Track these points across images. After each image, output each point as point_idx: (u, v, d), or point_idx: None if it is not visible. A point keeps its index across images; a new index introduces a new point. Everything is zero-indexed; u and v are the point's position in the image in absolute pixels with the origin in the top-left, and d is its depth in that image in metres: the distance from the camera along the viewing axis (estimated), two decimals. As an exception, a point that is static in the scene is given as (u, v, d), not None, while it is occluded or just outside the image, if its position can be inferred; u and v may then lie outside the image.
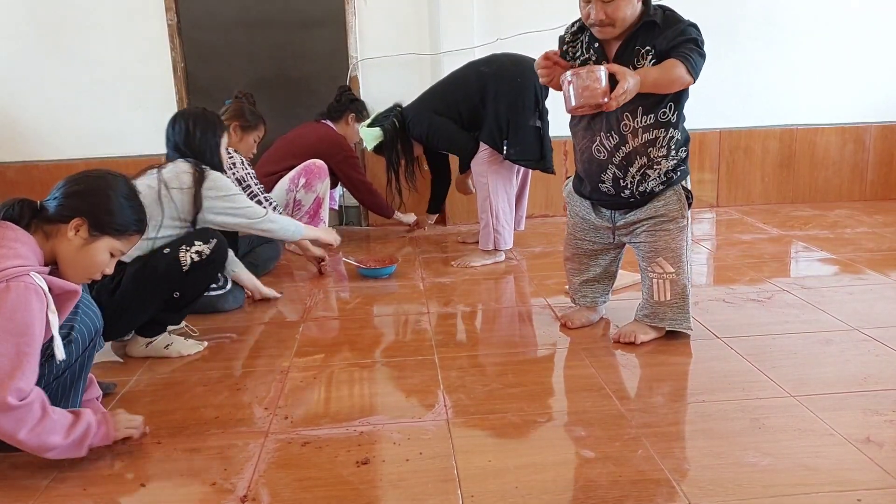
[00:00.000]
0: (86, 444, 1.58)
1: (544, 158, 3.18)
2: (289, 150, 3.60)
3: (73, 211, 1.60)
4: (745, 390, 1.90)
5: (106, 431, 1.62)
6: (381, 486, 1.52)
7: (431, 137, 3.34)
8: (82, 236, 1.60)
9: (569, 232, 2.41)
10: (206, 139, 2.44)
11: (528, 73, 3.15)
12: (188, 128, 2.42)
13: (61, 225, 1.59)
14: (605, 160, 2.16)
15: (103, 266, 1.66)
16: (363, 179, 3.70)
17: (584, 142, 2.20)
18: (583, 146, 2.22)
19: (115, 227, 1.64)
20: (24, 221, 1.57)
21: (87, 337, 1.68)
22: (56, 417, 1.53)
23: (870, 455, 1.56)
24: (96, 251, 1.63)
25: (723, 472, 1.52)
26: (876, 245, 3.36)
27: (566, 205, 2.45)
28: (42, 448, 1.52)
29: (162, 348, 2.27)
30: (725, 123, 4.27)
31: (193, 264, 2.21)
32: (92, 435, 1.59)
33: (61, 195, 1.62)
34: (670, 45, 2.00)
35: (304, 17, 4.03)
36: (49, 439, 1.51)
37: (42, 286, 1.49)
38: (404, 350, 2.30)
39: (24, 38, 3.88)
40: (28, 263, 1.49)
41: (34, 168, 4.00)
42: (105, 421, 1.63)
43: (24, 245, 1.52)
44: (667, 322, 2.25)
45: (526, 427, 1.76)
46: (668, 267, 2.19)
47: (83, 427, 1.57)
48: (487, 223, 3.22)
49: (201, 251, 2.22)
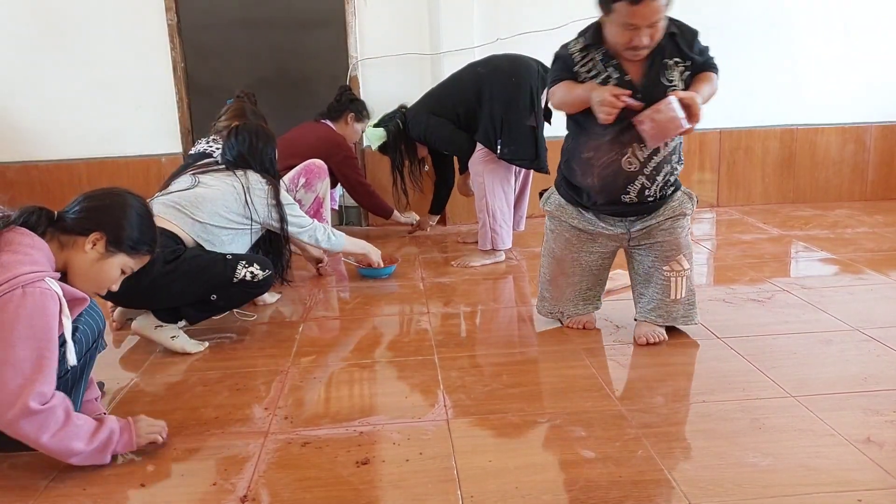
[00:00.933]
0: (109, 450, 1.59)
1: (538, 158, 3.18)
2: (288, 150, 3.60)
3: (94, 225, 1.62)
4: (746, 390, 1.90)
5: (129, 438, 1.63)
6: (381, 486, 1.52)
7: (429, 137, 3.37)
8: (99, 250, 1.63)
9: (559, 247, 2.34)
10: (266, 151, 2.61)
11: (523, 73, 3.15)
12: (252, 140, 2.59)
13: (79, 237, 1.61)
14: (635, 171, 2.13)
15: (113, 281, 1.69)
16: (361, 180, 3.71)
17: (612, 155, 2.13)
18: (608, 160, 2.13)
19: (132, 245, 1.68)
20: (40, 229, 1.59)
21: (90, 338, 1.69)
22: (80, 423, 1.54)
23: (870, 455, 1.56)
24: (110, 267, 1.66)
25: (723, 472, 1.52)
26: (876, 245, 3.36)
27: (550, 220, 2.37)
28: (65, 453, 1.52)
29: (168, 337, 2.29)
30: (725, 123, 4.27)
31: (243, 281, 2.30)
32: (115, 442, 1.60)
33: (81, 208, 1.64)
34: (703, 58, 2.12)
35: (304, 17, 4.03)
36: (72, 444, 1.51)
37: (57, 291, 1.50)
38: (404, 350, 2.30)
39: (25, 38, 3.87)
40: (43, 269, 1.51)
41: (34, 168, 4.00)
42: (128, 427, 1.64)
43: (40, 252, 1.54)
44: (679, 320, 2.27)
45: (526, 427, 1.75)
46: (685, 263, 2.22)
47: (106, 433, 1.58)
48: (485, 223, 3.23)
49: (255, 274, 2.32)
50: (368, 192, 3.71)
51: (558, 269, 2.36)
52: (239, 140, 2.58)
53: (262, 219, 2.53)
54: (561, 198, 2.32)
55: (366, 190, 3.70)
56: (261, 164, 2.58)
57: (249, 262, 2.34)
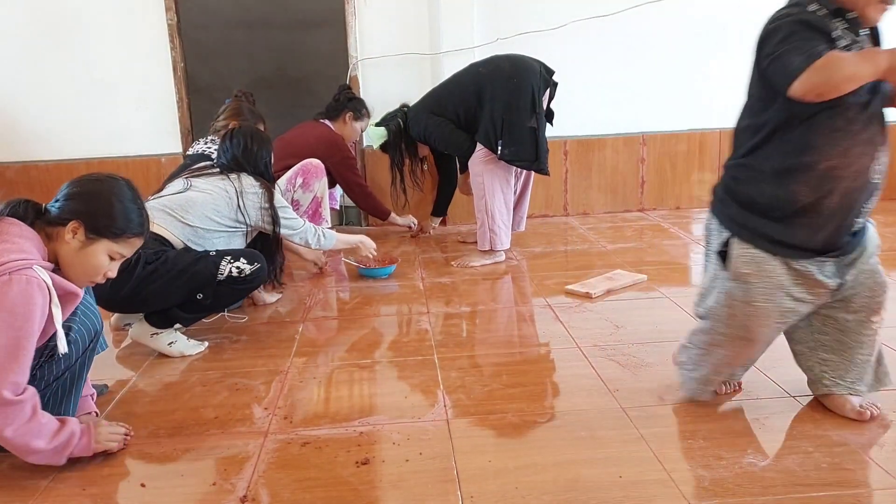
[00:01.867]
0: (66, 452, 1.58)
1: (539, 160, 3.18)
2: (286, 150, 3.60)
3: (71, 213, 1.59)
4: (745, 390, 1.90)
5: (87, 442, 1.62)
6: (380, 486, 1.52)
7: (429, 137, 3.37)
8: (79, 239, 1.60)
9: (755, 322, 1.67)
10: (261, 154, 2.59)
11: (524, 74, 3.15)
12: (247, 143, 2.57)
13: (60, 227, 1.59)
14: (876, 183, 1.60)
15: (103, 269, 1.65)
16: (359, 181, 3.70)
17: (863, 160, 1.56)
18: (858, 167, 1.56)
19: (113, 229, 1.63)
20: (27, 221, 1.57)
21: (86, 338, 1.69)
22: (44, 422, 1.53)
23: (870, 455, 1.56)
24: (94, 254, 1.62)
25: (723, 472, 1.52)
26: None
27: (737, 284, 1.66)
28: (25, 450, 1.52)
29: (165, 344, 2.29)
30: (725, 123, 4.25)
31: (229, 277, 2.25)
32: (74, 444, 1.58)
33: (62, 197, 1.62)
34: None
35: (304, 17, 4.03)
36: (33, 442, 1.51)
37: (46, 280, 1.49)
38: (404, 350, 2.30)
39: (25, 38, 3.87)
40: (31, 257, 1.49)
41: (34, 168, 4.00)
42: (87, 431, 1.62)
43: (28, 241, 1.52)
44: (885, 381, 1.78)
45: (526, 427, 1.75)
46: (883, 311, 1.71)
47: (66, 435, 1.56)
48: (483, 223, 3.23)
49: (242, 269, 2.27)
50: (365, 193, 3.70)
51: (743, 348, 1.74)
52: (234, 143, 2.57)
53: (254, 222, 2.51)
54: (758, 250, 1.62)
55: (363, 191, 3.70)
56: (255, 168, 2.56)
57: (235, 257, 2.29)
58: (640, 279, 2.89)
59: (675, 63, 4.15)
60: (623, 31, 4.06)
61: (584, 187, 4.25)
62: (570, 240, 3.71)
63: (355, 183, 3.68)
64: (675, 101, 4.21)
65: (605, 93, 4.16)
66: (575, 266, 3.20)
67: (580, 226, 3.99)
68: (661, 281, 2.89)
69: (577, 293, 2.75)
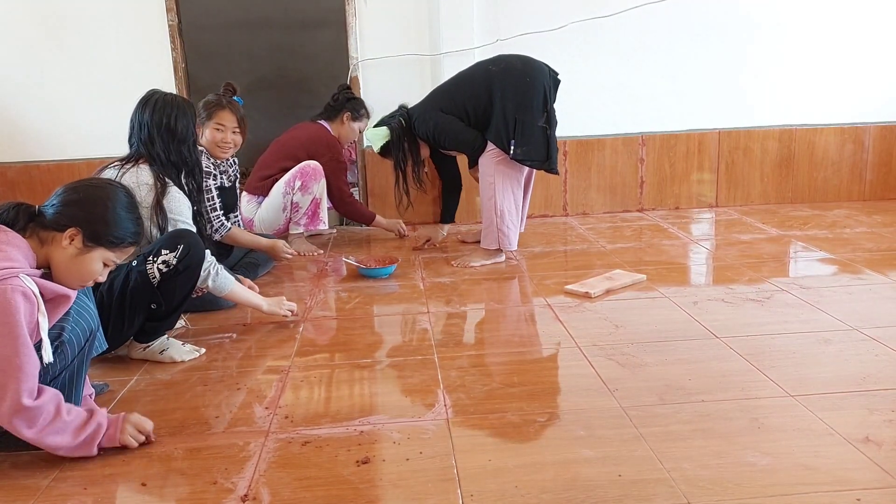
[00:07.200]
0: (94, 444, 1.62)
1: (550, 159, 3.16)
2: (281, 151, 3.60)
3: (70, 220, 1.59)
4: (745, 390, 1.90)
5: (112, 433, 1.65)
6: (381, 485, 1.53)
7: (438, 135, 3.29)
8: (76, 246, 1.60)
9: None
10: (185, 134, 2.36)
11: (536, 73, 3.14)
12: (169, 121, 2.34)
13: (56, 233, 1.59)
14: None
15: (96, 275, 1.66)
16: (342, 186, 3.66)
17: None
18: None
19: (111, 238, 1.64)
20: (19, 225, 1.57)
21: (81, 338, 1.69)
22: (69, 419, 1.57)
23: (869, 455, 1.57)
24: (90, 261, 1.63)
25: (723, 472, 1.52)
26: (875, 245, 3.37)
27: None
28: (50, 447, 1.56)
29: (157, 353, 2.25)
30: (725, 123, 4.28)
31: (163, 275, 2.14)
32: (101, 436, 1.63)
33: (59, 202, 1.62)
34: None
35: (304, 18, 4.04)
36: (57, 439, 1.55)
37: (32, 288, 1.49)
38: (404, 350, 2.31)
39: (26, 38, 3.88)
40: (17, 266, 1.50)
41: (34, 168, 4.00)
42: (115, 423, 1.66)
43: (16, 249, 1.52)
44: None
45: (526, 427, 1.76)
46: None
47: (93, 428, 1.61)
48: (491, 222, 3.21)
49: (168, 261, 2.13)
50: (346, 200, 3.67)
51: None
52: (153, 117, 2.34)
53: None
54: None
55: (343, 197, 3.66)
56: (178, 151, 2.36)
57: (155, 252, 2.14)
58: (640, 279, 2.90)
59: (675, 63, 4.16)
60: (623, 32, 4.07)
61: (584, 187, 4.26)
62: (569, 240, 3.71)
63: (338, 187, 3.64)
64: (674, 102, 4.22)
65: (605, 93, 4.17)
66: (574, 266, 3.21)
67: (580, 226, 4.00)
68: (660, 281, 2.90)
69: (577, 293, 2.76)
